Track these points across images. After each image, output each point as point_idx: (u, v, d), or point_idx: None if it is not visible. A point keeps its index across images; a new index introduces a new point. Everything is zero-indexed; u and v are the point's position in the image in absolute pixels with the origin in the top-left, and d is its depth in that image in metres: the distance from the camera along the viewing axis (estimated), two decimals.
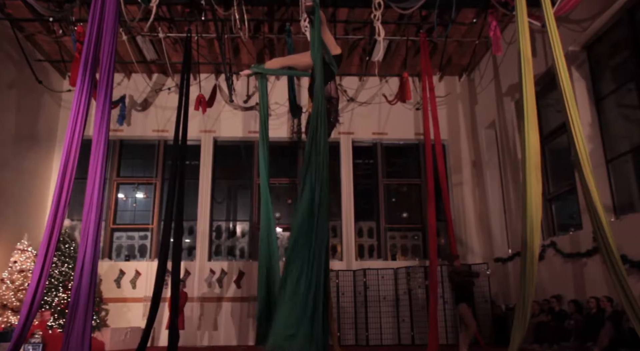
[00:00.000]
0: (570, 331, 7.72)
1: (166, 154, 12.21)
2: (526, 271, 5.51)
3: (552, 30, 5.92)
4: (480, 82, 11.66)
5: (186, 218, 10.27)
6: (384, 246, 11.99)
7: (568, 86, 5.79)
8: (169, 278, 8.70)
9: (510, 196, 10.55)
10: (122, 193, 12.28)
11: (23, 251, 9.48)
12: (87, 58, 5.74)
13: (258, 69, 7.14)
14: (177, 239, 8.22)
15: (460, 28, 10.35)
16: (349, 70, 12.23)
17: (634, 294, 5.19)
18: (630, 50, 7.63)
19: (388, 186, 12.56)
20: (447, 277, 8.99)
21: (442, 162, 9.45)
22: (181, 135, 8.64)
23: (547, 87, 9.44)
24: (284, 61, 7.45)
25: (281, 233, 12.13)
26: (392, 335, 10.13)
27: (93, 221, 5.30)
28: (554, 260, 8.84)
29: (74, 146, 5.48)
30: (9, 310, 8.93)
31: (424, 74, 9.77)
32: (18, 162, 10.49)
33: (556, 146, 9.64)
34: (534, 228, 5.50)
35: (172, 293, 7.93)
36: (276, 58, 8.79)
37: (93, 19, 5.84)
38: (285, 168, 12.44)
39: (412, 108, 12.34)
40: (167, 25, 10.22)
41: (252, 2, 9.31)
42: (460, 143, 12.44)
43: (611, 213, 7.57)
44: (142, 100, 12.33)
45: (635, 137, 7.66)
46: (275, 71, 7.30)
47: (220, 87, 12.14)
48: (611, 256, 5.32)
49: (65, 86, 12.01)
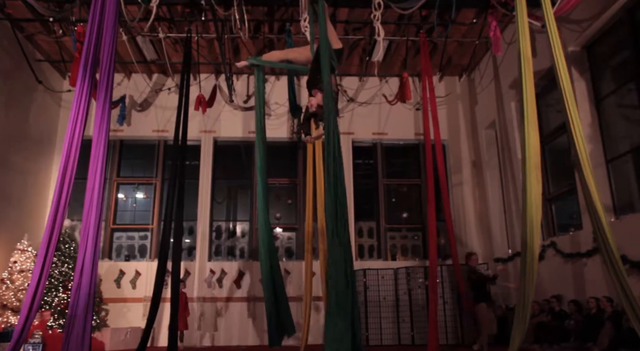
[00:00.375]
0: (570, 332, 7.72)
1: (166, 154, 12.21)
2: (526, 272, 5.52)
3: (552, 30, 5.93)
4: (480, 82, 11.66)
5: (186, 218, 10.28)
6: (384, 246, 11.99)
7: (568, 86, 5.80)
8: (169, 278, 8.70)
9: (510, 196, 10.55)
10: (122, 193, 12.28)
11: (23, 251, 9.48)
12: (87, 58, 5.74)
13: (255, 60, 7.12)
14: (177, 240, 8.22)
15: (460, 28, 10.35)
16: (349, 70, 12.23)
17: (634, 294, 5.19)
18: (630, 50, 7.63)
19: (388, 186, 12.56)
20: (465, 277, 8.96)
21: (442, 162, 9.45)
22: (181, 135, 8.65)
23: (547, 87, 9.44)
24: (282, 54, 7.45)
25: (281, 233, 12.14)
26: (392, 335, 10.13)
27: (93, 221, 5.30)
28: (554, 260, 8.83)
29: (74, 146, 5.48)
30: (9, 310, 8.93)
31: (424, 74, 9.77)
32: (18, 162, 10.49)
33: (556, 146, 9.64)
34: (534, 228, 5.51)
35: (172, 293, 7.93)
36: (274, 51, 8.77)
37: (93, 19, 5.84)
38: (285, 168, 12.44)
39: (412, 108, 12.34)
40: (167, 26, 10.22)
41: (252, 2, 9.31)
42: (460, 143, 12.44)
43: (611, 213, 7.57)
44: (142, 100, 12.33)
45: (635, 137, 7.65)
46: (272, 63, 7.28)
47: (220, 87, 12.14)
48: (611, 256, 5.32)
49: (65, 86, 12.01)
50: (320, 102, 5.91)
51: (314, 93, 6.05)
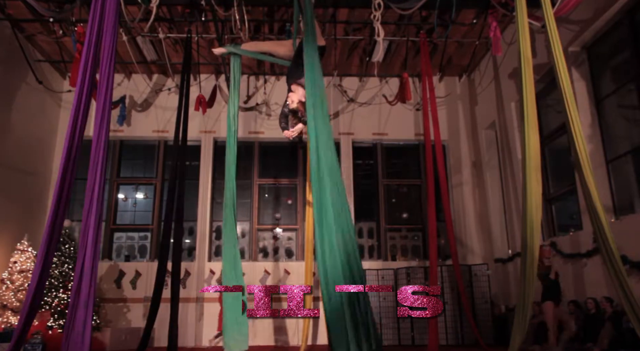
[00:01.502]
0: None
1: (166, 155, 12.22)
2: (526, 272, 5.52)
3: (552, 30, 5.93)
4: (480, 82, 11.66)
5: (186, 218, 10.27)
6: (384, 246, 11.99)
7: (568, 86, 5.80)
8: (169, 278, 8.71)
9: (510, 196, 10.55)
10: (122, 193, 12.28)
11: (23, 251, 9.48)
12: (87, 58, 5.73)
13: (234, 48, 7.02)
14: (177, 240, 8.22)
15: (460, 29, 10.35)
16: (349, 70, 12.23)
17: (634, 294, 5.19)
18: (630, 50, 7.62)
19: (388, 186, 12.56)
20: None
21: (442, 162, 9.45)
22: (181, 135, 8.65)
23: (547, 88, 9.44)
24: (261, 45, 7.38)
25: (281, 234, 12.13)
26: (392, 335, 10.13)
27: (93, 221, 5.29)
28: (554, 261, 8.83)
29: (74, 146, 5.47)
30: (9, 311, 8.92)
31: (424, 75, 9.77)
32: (18, 162, 10.49)
33: (556, 146, 9.64)
34: (534, 229, 5.51)
35: (173, 294, 7.93)
36: (254, 41, 8.70)
37: (93, 19, 5.84)
38: (286, 168, 12.44)
39: (412, 109, 12.34)
40: (167, 26, 10.23)
41: (252, 3, 9.31)
42: (460, 144, 12.44)
43: (611, 214, 7.56)
44: (142, 100, 12.34)
45: (635, 137, 7.65)
46: (250, 53, 7.16)
47: (221, 87, 12.14)
48: (611, 256, 5.32)
49: (65, 86, 12.01)
50: (302, 98, 5.83)
51: (293, 89, 5.98)
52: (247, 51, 7.02)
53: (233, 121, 7.04)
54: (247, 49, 6.99)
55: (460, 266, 9.50)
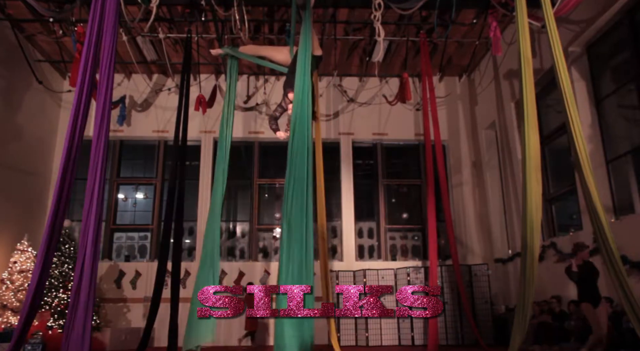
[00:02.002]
0: (570, 332, 7.71)
1: (166, 155, 12.21)
2: (526, 272, 5.51)
3: (552, 30, 5.92)
4: (480, 82, 11.66)
5: (186, 218, 10.26)
6: (384, 246, 11.99)
7: (568, 86, 5.80)
8: (169, 278, 8.70)
9: (510, 196, 10.54)
10: (122, 193, 12.28)
11: (23, 251, 9.48)
12: (87, 58, 5.73)
13: (231, 51, 7.07)
14: (177, 240, 8.22)
15: (460, 29, 10.35)
16: (349, 70, 12.23)
17: (634, 294, 5.19)
18: (630, 50, 7.63)
19: (388, 186, 12.56)
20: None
21: (442, 162, 9.45)
22: (181, 135, 8.63)
23: (547, 88, 9.44)
24: (258, 49, 7.43)
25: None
26: (392, 335, 10.12)
27: (93, 221, 5.29)
28: (554, 261, 8.83)
29: (74, 146, 5.47)
30: (9, 311, 8.93)
31: (424, 75, 9.77)
32: (18, 162, 10.49)
33: (556, 147, 9.64)
34: (534, 229, 5.50)
35: (172, 294, 7.92)
36: (252, 45, 8.75)
37: (93, 19, 5.83)
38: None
39: (412, 109, 12.33)
40: (167, 26, 10.23)
41: (252, 3, 9.31)
42: (460, 144, 12.44)
43: (611, 214, 7.56)
44: (142, 100, 12.33)
45: (635, 137, 7.66)
46: (247, 56, 7.24)
47: (220, 87, 12.12)
48: (611, 256, 5.32)
49: (65, 86, 12.01)
50: None
51: (290, 97, 6.11)
52: (244, 54, 7.09)
53: (226, 126, 7.13)
54: (244, 53, 7.03)
55: (460, 266, 9.49)
